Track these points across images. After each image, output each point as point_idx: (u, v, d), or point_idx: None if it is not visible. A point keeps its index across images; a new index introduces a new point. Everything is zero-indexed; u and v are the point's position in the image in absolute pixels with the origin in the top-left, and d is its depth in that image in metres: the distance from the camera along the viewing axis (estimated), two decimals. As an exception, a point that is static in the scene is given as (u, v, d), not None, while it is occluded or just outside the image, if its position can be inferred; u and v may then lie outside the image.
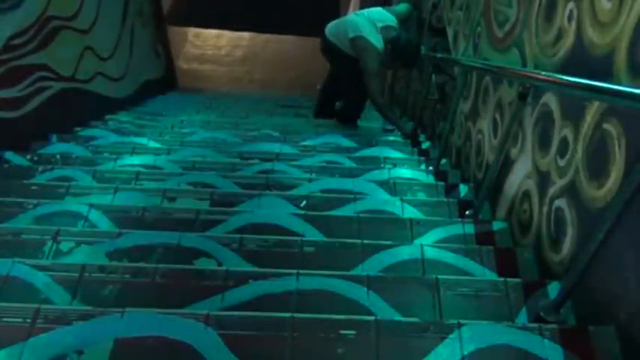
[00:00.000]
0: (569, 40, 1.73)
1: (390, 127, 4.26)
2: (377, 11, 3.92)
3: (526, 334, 1.36)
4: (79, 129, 3.73)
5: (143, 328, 1.31)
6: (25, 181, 2.49)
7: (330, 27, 4.02)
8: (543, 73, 1.67)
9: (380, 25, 3.79)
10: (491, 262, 1.85)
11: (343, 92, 4.31)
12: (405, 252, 1.87)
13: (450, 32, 3.52)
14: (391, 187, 2.63)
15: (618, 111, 1.41)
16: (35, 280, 1.57)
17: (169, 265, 1.67)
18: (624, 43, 1.39)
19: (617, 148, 1.40)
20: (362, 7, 7.35)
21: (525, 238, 1.96)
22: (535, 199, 1.90)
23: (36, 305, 1.35)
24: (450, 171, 2.96)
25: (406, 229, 2.11)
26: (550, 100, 1.83)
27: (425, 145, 3.73)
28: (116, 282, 1.59)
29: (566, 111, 1.73)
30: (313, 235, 2.07)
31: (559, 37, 1.80)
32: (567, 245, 1.63)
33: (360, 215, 2.21)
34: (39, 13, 3.28)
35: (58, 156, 2.93)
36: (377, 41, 3.72)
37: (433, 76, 3.57)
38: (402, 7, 4.14)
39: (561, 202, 1.69)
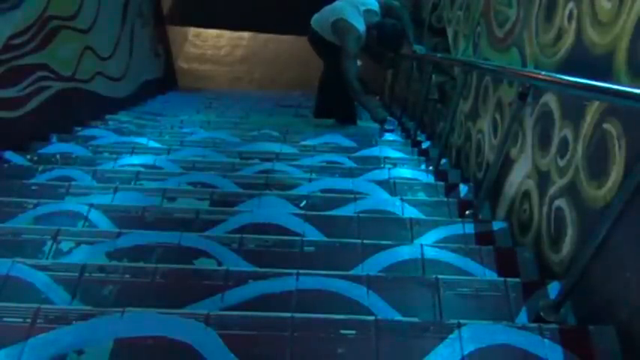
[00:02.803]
0: (569, 40, 1.73)
1: (390, 126, 4.26)
2: None
3: (526, 334, 1.36)
4: (79, 129, 3.73)
5: (143, 328, 1.31)
6: (25, 181, 2.49)
7: (315, 16, 4.06)
8: (543, 72, 1.67)
9: (362, 8, 3.82)
10: (491, 262, 1.85)
11: (331, 85, 4.34)
12: (404, 252, 1.87)
13: (450, 32, 3.52)
14: (391, 186, 2.63)
15: (618, 111, 1.41)
16: (35, 280, 1.57)
17: (169, 265, 1.67)
18: (624, 43, 1.39)
19: (617, 148, 1.40)
20: None
21: (525, 238, 1.96)
22: (535, 199, 1.90)
23: (36, 305, 1.35)
24: (449, 171, 2.96)
25: (406, 229, 2.11)
26: (550, 100, 1.83)
27: (425, 144, 3.73)
28: (116, 282, 1.59)
29: (566, 111, 1.73)
30: (313, 235, 2.07)
31: (559, 37, 1.80)
32: (567, 245, 1.63)
33: (360, 215, 2.21)
34: (39, 13, 3.27)
35: (58, 156, 2.93)
36: (358, 23, 3.75)
37: (433, 76, 3.57)
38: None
39: (561, 202, 1.69)
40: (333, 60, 3.89)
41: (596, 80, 1.28)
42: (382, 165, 3.10)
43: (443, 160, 3.07)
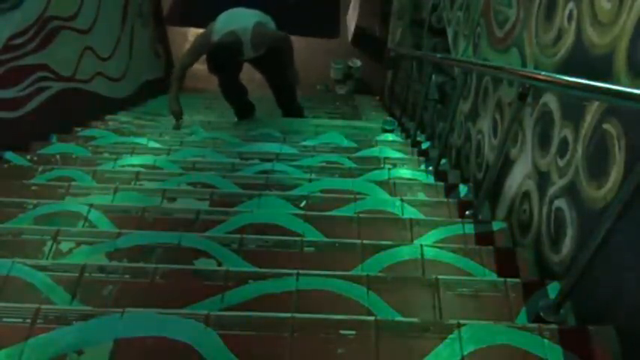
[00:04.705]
0: (569, 40, 1.73)
1: (389, 127, 4.26)
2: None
3: (526, 334, 1.36)
4: (79, 129, 3.73)
5: (143, 328, 1.31)
6: (25, 181, 2.49)
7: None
8: (543, 73, 1.67)
9: None
10: (491, 262, 1.85)
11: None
12: (404, 252, 1.87)
13: (449, 33, 3.52)
14: (391, 187, 2.63)
15: (618, 111, 1.41)
16: (35, 280, 1.58)
17: (169, 265, 1.67)
18: (624, 43, 1.39)
19: (617, 148, 1.40)
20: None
21: (525, 238, 1.96)
22: (535, 200, 1.90)
23: (36, 305, 1.35)
24: (449, 171, 2.96)
25: (406, 230, 2.11)
26: (550, 100, 1.83)
27: (425, 145, 3.73)
28: (116, 282, 1.59)
29: (566, 111, 1.73)
30: (313, 235, 2.07)
31: (559, 37, 1.80)
32: (567, 245, 1.63)
33: (360, 215, 2.21)
34: (39, 14, 3.27)
35: (58, 156, 2.93)
36: None
37: (433, 76, 3.57)
38: None
39: (561, 202, 1.69)
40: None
41: (596, 81, 1.28)
42: (382, 165, 3.10)
43: (443, 161, 3.07)
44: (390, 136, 4.03)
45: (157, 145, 3.31)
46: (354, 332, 1.34)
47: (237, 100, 4.48)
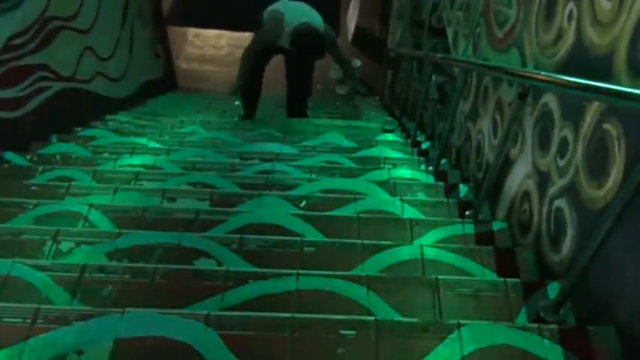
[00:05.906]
0: (569, 40, 1.73)
1: (389, 127, 4.26)
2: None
3: (526, 334, 1.36)
4: (79, 129, 3.73)
5: (143, 328, 1.31)
6: (25, 181, 2.49)
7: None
8: (543, 73, 1.67)
9: None
10: (491, 262, 1.85)
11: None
12: (404, 252, 1.87)
13: (449, 32, 3.52)
14: (391, 187, 2.63)
15: (618, 111, 1.41)
16: (35, 280, 1.57)
17: (169, 265, 1.67)
18: (624, 43, 1.39)
19: (617, 148, 1.40)
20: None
21: (525, 239, 1.96)
22: (535, 199, 1.90)
23: (36, 305, 1.35)
24: (449, 171, 2.96)
25: (406, 230, 2.11)
26: (550, 100, 1.83)
27: (425, 145, 3.73)
28: (116, 282, 1.59)
29: (566, 111, 1.73)
30: (313, 235, 2.07)
31: (559, 37, 1.80)
32: (567, 245, 1.63)
33: (360, 215, 2.21)
34: (39, 14, 3.27)
35: (58, 156, 2.93)
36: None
37: (433, 76, 3.57)
38: None
39: (561, 202, 1.69)
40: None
41: (596, 81, 1.28)
42: (382, 165, 3.10)
43: (443, 161, 3.07)
44: (390, 136, 4.03)
45: (156, 145, 3.31)
46: (354, 332, 1.34)
47: (252, 96, 4.59)
